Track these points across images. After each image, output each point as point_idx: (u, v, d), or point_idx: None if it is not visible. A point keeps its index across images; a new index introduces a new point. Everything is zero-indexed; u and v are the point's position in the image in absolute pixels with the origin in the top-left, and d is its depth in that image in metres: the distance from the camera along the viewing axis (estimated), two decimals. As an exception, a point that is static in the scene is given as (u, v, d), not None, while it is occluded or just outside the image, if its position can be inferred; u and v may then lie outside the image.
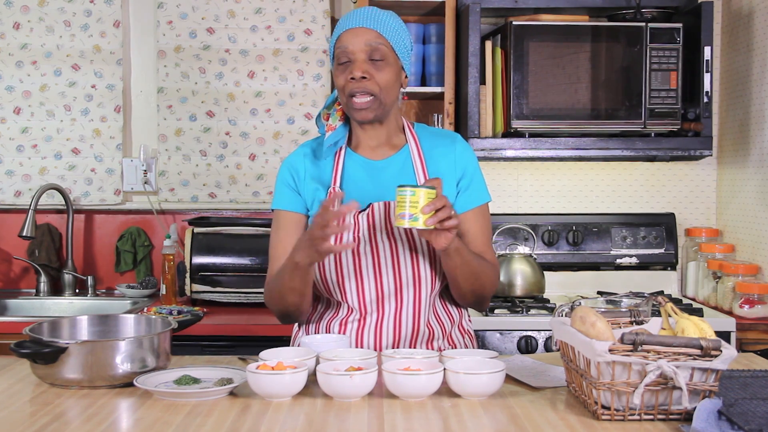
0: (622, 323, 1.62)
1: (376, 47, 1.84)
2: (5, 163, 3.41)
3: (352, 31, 1.86)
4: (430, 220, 1.65)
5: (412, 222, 1.65)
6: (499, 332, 2.78)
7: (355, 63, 1.84)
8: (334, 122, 1.94)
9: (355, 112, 1.87)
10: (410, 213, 1.65)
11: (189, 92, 3.41)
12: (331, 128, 1.93)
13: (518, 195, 3.44)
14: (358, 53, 1.84)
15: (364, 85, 1.84)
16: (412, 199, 1.65)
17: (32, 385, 1.71)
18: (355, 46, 1.84)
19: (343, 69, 1.86)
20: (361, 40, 1.84)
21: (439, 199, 1.66)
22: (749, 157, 3.12)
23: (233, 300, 3.10)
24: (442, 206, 1.66)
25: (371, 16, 1.87)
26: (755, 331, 2.80)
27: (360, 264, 1.87)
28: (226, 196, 3.43)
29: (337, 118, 1.95)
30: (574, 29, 3.00)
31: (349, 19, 1.88)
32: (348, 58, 1.85)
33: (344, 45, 1.85)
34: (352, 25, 1.86)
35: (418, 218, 1.65)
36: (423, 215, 1.65)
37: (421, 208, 1.65)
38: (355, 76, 1.83)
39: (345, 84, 1.86)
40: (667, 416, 1.44)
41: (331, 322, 1.93)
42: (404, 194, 1.66)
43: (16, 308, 3.24)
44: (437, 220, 1.66)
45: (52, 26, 3.40)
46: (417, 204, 1.65)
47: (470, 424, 1.44)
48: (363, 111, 1.86)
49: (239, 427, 1.43)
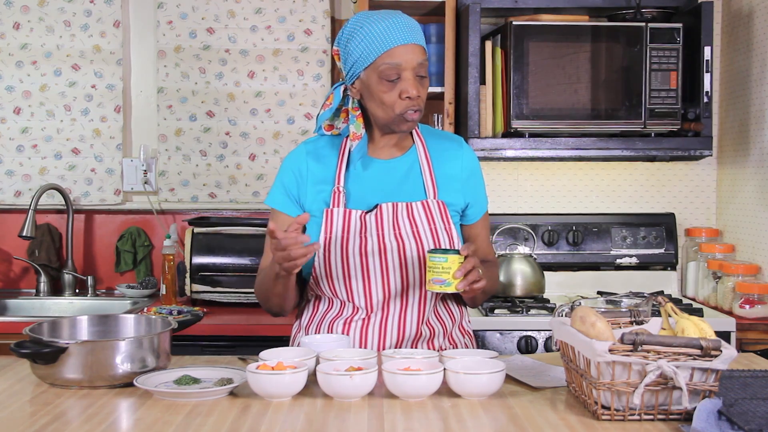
0: (622, 323, 1.62)
1: (423, 63, 1.84)
2: (5, 163, 3.41)
3: (406, 48, 1.81)
4: (461, 285, 1.72)
5: (445, 287, 1.73)
6: (499, 332, 2.78)
7: (409, 81, 1.82)
8: (358, 130, 1.91)
9: (405, 125, 1.87)
10: (442, 278, 1.72)
11: (189, 92, 3.41)
12: (357, 137, 1.90)
13: (518, 195, 3.44)
14: (410, 71, 1.82)
15: (418, 103, 1.84)
16: (444, 266, 1.72)
17: (32, 385, 1.71)
18: (408, 64, 1.81)
19: (392, 86, 1.82)
20: (414, 58, 1.82)
21: (468, 262, 1.72)
22: (749, 157, 3.12)
23: (233, 300, 3.10)
24: (472, 268, 1.72)
25: (417, 30, 1.85)
26: (755, 331, 2.80)
27: (367, 264, 1.87)
28: (226, 196, 3.43)
29: (360, 125, 1.91)
30: (574, 29, 3.00)
31: (397, 32, 1.81)
32: (399, 76, 1.82)
33: (397, 62, 1.80)
34: (406, 41, 1.81)
35: (450, 283, 1.72)
36: (455, 280, 1.72)
37: (453, 274, 1.71)
38: (411, 95, 1.82)
39: (395, 101, 1.83)
40: (667, 416, 1.44)
41: (334, 322, 1.93)
42: (436, 260, 1.73)
43: (16, 308, 3.24)
44: (468, 283, 1.72)
45: (52, 26, 3.40)
46: (449, 270, 1.72)
47: (470, 424, 1.44)
48: (412, 123, 1.87)
49: (239, 427, 1.43)
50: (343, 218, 1.88)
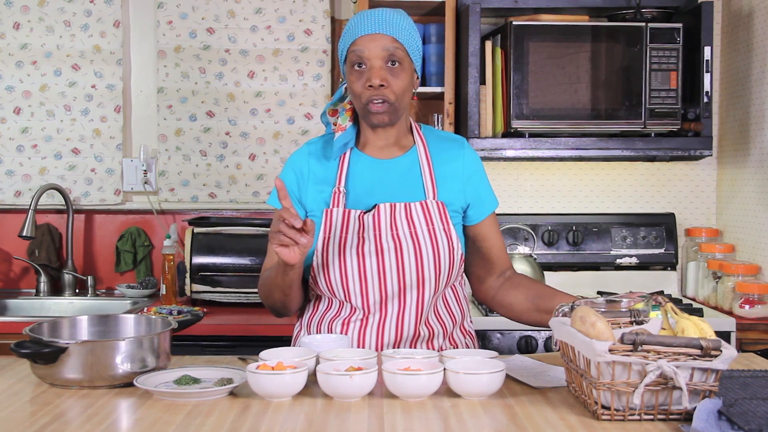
0: (622, 323, 1.62)
1: (393, 52, 1.84)
2: (5, 163, 3.41)
3: (368, 37, 1.83)
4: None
5: None
6: (499, 332, 2.78)
7: (373, 70, 1.83)
8: (344, 122, 1.93)
9: (372, 117, 1.86)
10: None
11: (189, 92, 3.41)
12: (341, 128, 1.92)
13: (518, 195, 3.44)
14: (375, 59, 1.83)
15: (382, 92, 1.84)
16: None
17: (32, 385, 1.71)
18: (372, 52, 1.83)
19: (359, 75, 1.84)
20: (378, 45, 1.83)
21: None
22: (749, 157, 3.12)
23: (233, 300, 3.10)
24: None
25: (387, 20, 1.85)
26: (755, 331, 2.80)
27: (364, 265, 1.87)
28: (226, 196, 3.43)
29: (347, 118, 1.93)
30: (574, 29, 3.00)
31: (364, 22, 1.85)
32: (364, 64, 1.84)
33: (360, 50, 1.83)
34: (369, 30, 1.84)
35: None
36: None
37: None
38: (373, 83, 1.82)
39: (362, 91, 1.84)
40: (667, 416, 1.44)
41: (333, 322, 1.93)
42: None
43: (16, 308, 3.24)
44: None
45: (52, 26, 3.40)
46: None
47: (470, 424, 1.44)
48: (379, 116, 1.86)
49: (239, 427, 1.43)
50: (342, 218, 1.88)
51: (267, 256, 1.99)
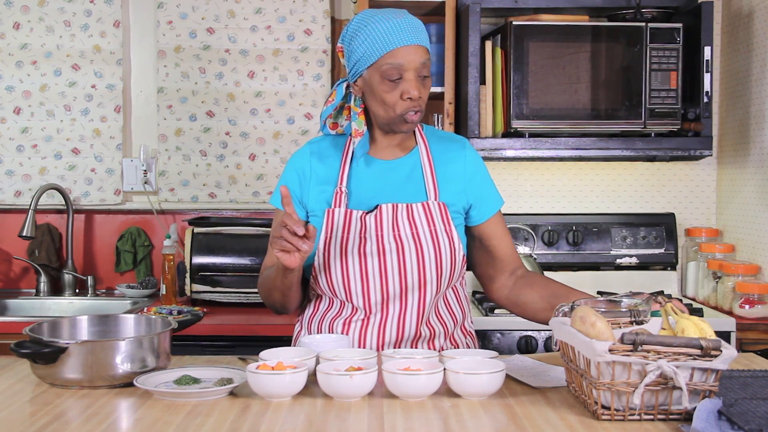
0: (622, 323, 1.62)
1: (426, 64, 1.84)
2: (5, 163, 3.41)
3: (408, 49, 1.81)
4: None
5: None
6: (499, 332, 2.78)
7: (411, 82, 1.82)
8: (360, 127, 1.91)
9: (405, 126, 1.87)
10: None
11: (189, 92, 3.41)
12: (359, 134, 1.90)
13: (518, 195, 3.44)
14: (412, 72, 1.82)
15: (418, 104, 1.84)
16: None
17: (32, 385, 1.71)
18: (411, 65, 1.81)
19: (394, 86, 1.82)
20: (418, 59, 1.82)
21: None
22: (749, 157, 3.12)
23: (233, 300, 3.10)
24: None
25: (421, 30, 1.84)
26: (755, 331, 2.80)
27: (366, 265, 1.87)
28: (226, 196, 3.43)
29: (362, 122, 1.91)
30: (574, 29, 3.00)
31: (401, 32, 1.81)
32: (401, 76, 1.82)
33: (399, 63, 1.80)
34: (409, 41, 1.81)
35: None
36: None
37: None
38: (413, 96, 1.82)
39: (396, 101, 1.83)
40: (667, 416, 1.44)
41: (334, 321, 1.93)
42: None
43: (16, 308, 3.24)
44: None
45: (52, 26, 3.40)
46: None
47: (470, 424, 1.44)
48: (413, 125, 1.87)
49: (239, 427, 1.43)
50: (343, 218, 1.88)
51: (267, 255, 1.99)
